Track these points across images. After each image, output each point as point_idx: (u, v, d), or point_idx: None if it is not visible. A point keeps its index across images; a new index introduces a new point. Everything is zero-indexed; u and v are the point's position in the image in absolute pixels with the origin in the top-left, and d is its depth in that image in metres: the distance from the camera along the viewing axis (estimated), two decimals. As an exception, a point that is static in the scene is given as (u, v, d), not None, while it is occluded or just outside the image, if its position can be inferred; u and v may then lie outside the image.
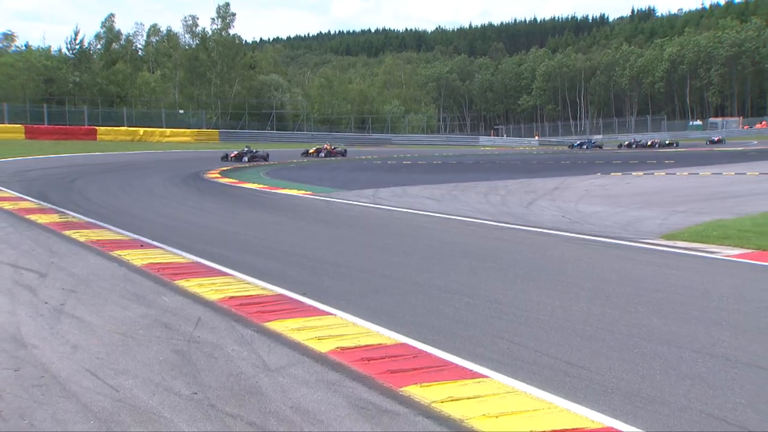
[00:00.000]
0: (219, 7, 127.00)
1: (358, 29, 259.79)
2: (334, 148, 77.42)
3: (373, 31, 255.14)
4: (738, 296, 15.98)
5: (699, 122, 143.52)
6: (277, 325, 13.02)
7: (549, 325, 13.53)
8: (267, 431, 8.75)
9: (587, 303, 15.50)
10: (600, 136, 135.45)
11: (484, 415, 9.05)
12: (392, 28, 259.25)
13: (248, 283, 16.52)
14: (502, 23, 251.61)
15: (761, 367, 11.16)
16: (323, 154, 75.16)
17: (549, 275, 18.55)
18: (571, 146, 76.44)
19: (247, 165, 62.27)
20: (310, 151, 78.27)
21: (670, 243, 22.29)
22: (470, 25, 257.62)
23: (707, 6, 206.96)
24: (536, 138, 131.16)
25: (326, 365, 11.06)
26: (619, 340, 12.68)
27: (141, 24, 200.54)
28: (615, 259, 20.83)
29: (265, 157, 68.57)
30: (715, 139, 50.55)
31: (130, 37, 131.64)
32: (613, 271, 19.29)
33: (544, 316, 14.22)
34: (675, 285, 17.57)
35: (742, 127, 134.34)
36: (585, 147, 65.99)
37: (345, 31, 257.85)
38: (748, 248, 20.87)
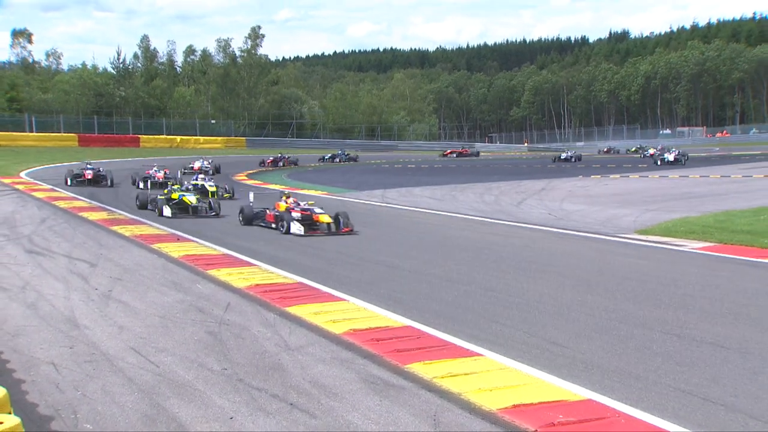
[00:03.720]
0: (252, 29, 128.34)
1: (369, 49, 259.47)
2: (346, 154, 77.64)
3: (382, 50, 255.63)
4: (703, 284, 16.00)
5: (669, 131, 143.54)
6: (297, 310, 13.07)
7: (537, 310, 13.57)
8: (288, 402, 8.79)
9: (571, 290, 15.53)
10: (582, 143, 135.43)
11: (479, 389, 9.09)
12: (399, 48, 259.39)
13: (272, 273, 16.56)
14: (495, 43, 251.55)
15: (724, 347, 11.18)
16: (338, 159, 75.23)
17: (537, 266, 18.57)
18: (556, 159, 75.63)
19: (277, 168, 62.58)
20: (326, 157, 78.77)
21: (643, 237, 22.31)
22: (468, 45, 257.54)
23: (675, 29, 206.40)
24: (525, 144, 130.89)
25: (340, 345, 11.11)
26: (598, 323, 12.72)
27: (173, 42, 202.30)
28: (595, 251, 20.87)
29: (296, 162, 68.11)
30: (668, 158, 49.87)
31: (170, 55, 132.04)
32: (593, 262, 19.37)
33: (533, 302, 14.26)
34: (647, 274, 17.61)
35: (706, 136, 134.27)
36: (573, 160, 64.22)
37: (358, 51, 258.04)
38: (711, 242, 20.91)
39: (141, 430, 8.04)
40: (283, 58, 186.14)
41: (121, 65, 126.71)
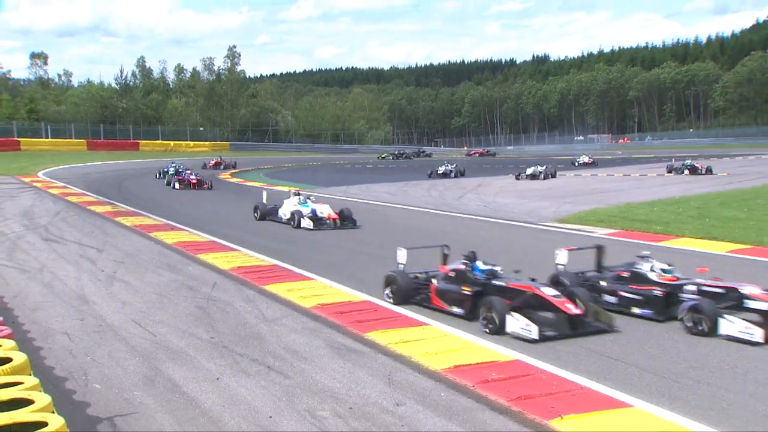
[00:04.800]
0: (229, 48, 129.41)
1: (333, 67, 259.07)
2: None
3: (344, 69, 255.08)
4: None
5: (581, 137, 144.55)
6: (273, 288, 13.09)
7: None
8: (266, 365, 8.85)
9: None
10: (512, 147, 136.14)
11: (426, 352, 9.17)
12: (359, 67, 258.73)
13: (251, 256, 16.54)
14: (440, 63, 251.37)
15: (625, 314, 11.28)
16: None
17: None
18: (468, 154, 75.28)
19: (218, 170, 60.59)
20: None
21: (561, 225, 22.44)
22: (416, 65, 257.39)
23: (586, 54, 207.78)
24: (465, 148, 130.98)
25: (309, 317, 11.15)
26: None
27: (165, 61, 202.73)
28: (522, 236, 20.98)
29: (234, 165, 63.40)
30: (582, 162, 48.93)
31: (162, 73, 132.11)
32: (521, 245, 19.49)
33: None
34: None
35: (611, 142, 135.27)
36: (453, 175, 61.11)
37: (324, 69, 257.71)
38: (615, 228, 21.08)
39: (142, 389, 8.07)
40: (261, 75, 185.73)
41: (123, 81, 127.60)
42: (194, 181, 37.49)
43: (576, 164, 54.42)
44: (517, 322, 9.95)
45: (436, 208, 28.19)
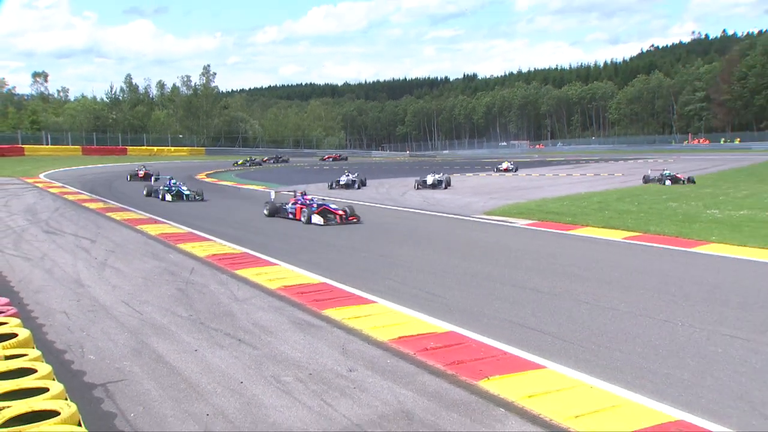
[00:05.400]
0: (204, 67, 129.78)
1: (294, 83, 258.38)
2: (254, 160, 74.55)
3: (304, 84, 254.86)
4: (525, 248, 16.23)
5: (505, 143, 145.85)
6: (243, 272, 12.96)
7: (417, 270, 13.62)
8: (237, 339, 8.77)
9: (440, 255, 15.63)
10: (447, 151, 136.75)
11: (374, 326, 9.15)
12: (317, 83, 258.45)
13: (224, 245, 16.36)
14: (385, 80, 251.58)
15: (541, 291, 11.36)
16: (248, 164, 71.26)
17: (418, 238, 18.64)
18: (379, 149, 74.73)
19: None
20: (239, 162, 77.34)
21: (489, 217, 22.51)
22: (366, 81, 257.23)
23: (507, 73, 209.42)
24: (407, 152, 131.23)
25: (274, 297, 11.07)
26: (458, 277, 12.82)
27: (149, 78, 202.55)
28: (456, 227, 21.00)
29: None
30: (503, 168, 47.39)
31: (146, 89, 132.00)
32: (455, 234, 19.54)
33: (415, 264, 14.31)
34: (491, 242, 17.81)
35: (529, 147, 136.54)
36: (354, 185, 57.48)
37: (286, 85, 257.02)
38: (533, 219, 21.17)
39: (130, 359, 8.01)
40: (232, 90, 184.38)
41: (112, 96, 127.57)
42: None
43: (497, 170, 52.45)
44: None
45: (383, 204, 28.15)
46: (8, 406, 4.92)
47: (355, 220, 21.00)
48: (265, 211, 23.09)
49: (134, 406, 6.69)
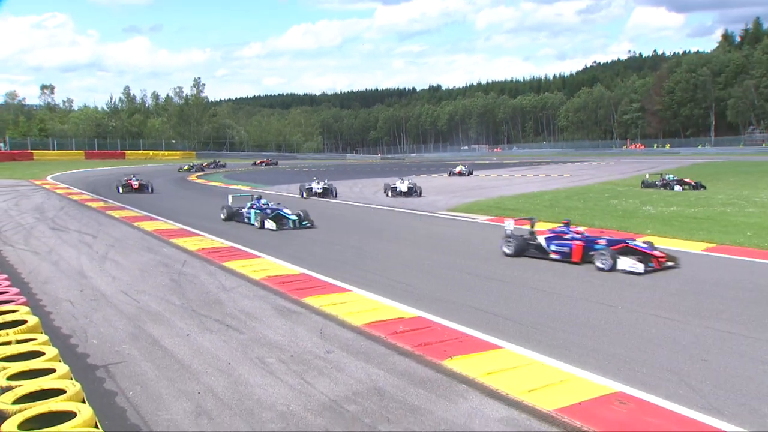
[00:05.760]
0: (195, 80, 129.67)
1: (277, 93, 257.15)
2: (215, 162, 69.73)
3: (285, 94, 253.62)
4: (485, 241, 16.25)
5: (466, 147, 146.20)
6: (230, 264, 12.89)
7: (388, 261, 13.64)
8: (225, 324, 8.73)
9: (409, 247, 15.63)
10: (414, 155, 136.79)
11: (349, 312, 9.13)
12: (297, 93, 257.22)
13: (213, 240, 16.25)
14: (359, 90, 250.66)
15: (499, 280, 11.41)
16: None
17: (389, 233, 18.62)
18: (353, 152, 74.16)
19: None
20: (257, 162, 76.95)
21: (452, 213, 22.55)
22: (341, 91, 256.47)
23: (468, 85, 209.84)
24: (379, 155, 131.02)
25: (259, 286, 11.01)
26: (425, 268, 12.82)
27: (145, 89, 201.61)
28: (423, 222, 20.98)
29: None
30: (456, 171, 44.63)
31: (142, 99, 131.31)
32: (422, 229, 19.52)
33: (386, 256, 14.35)
34: (453, 236, 17.84)
35: (488, 150, 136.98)
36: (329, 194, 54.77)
37: (269, 95, 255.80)
38: (491, 215, 21.21)
39: (129, 343, 7.98)
40: (220, 99, 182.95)
41: (112, 106, 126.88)
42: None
43: (450, 173, 50.04)
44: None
45: (356, 201, 28.10)
46: (20, 385, 4.97)
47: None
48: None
49: (133, 385, 6.67)
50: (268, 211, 19.32)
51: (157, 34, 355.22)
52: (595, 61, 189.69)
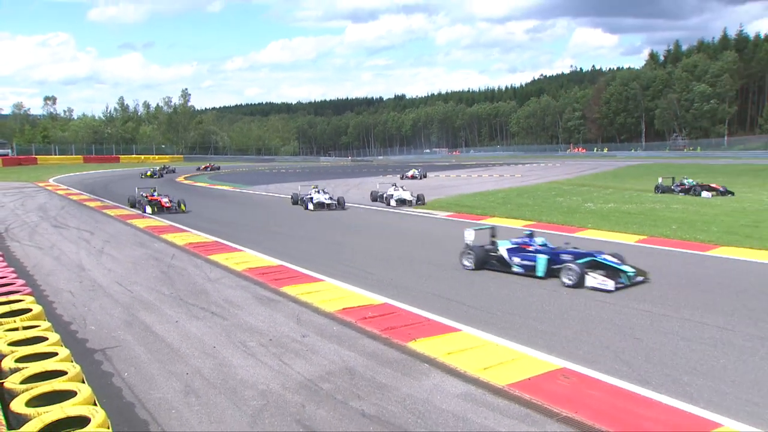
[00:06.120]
0: (182, 90, 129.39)
1: (257, 102, 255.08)
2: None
3: (265, 103, 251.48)
4: (446, 234, 16.27)
5: (428, 151, 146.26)
6: (215, 257, 12.78)
7: (358, 253, 13.59)
8: (210, 312, 8.67)
9: (377, 241, 15.62)
10: (381, 157, 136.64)
11: (322, 300, 9.09)
12: (275, 102, 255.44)
13: (199, 236, 16.07)
14: (331, 99, 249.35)
15: (458, 270, 11.40)
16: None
17: (359, 228, 18.57)
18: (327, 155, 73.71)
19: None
20: (203, 166, 75.16)
21: (416, 210, 22.51)
22: (315, 100, 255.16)
23: (429, 94, 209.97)
24: (349, 158, 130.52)
25: (241, 277, 10.94)
26: (391, 259, 12.81)
27: (137, 100, 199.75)
28: (389, 218, 20.95)
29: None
30: (409, 175, 40.29)
31: (136, 108, 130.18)
32: (388, 224, 19.46)
33: (356, 249, 14.27)
34: (417, 230, 17.82)
35: (448, 153, 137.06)
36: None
37: (251, 103, 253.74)
38: (451, 211, 21.26)
39: (123, 329, 7.92)
40: (206, 108, 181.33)
41: (108, 114, 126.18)
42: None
43: (403, 177, 44.48)
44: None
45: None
46: (26, 367, 5.08)
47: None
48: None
49: (127, 366, 6.63)
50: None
51: (150, 50, 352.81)
52: (542, 74, 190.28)
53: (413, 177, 44.31)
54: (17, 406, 4.42)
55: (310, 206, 22.72)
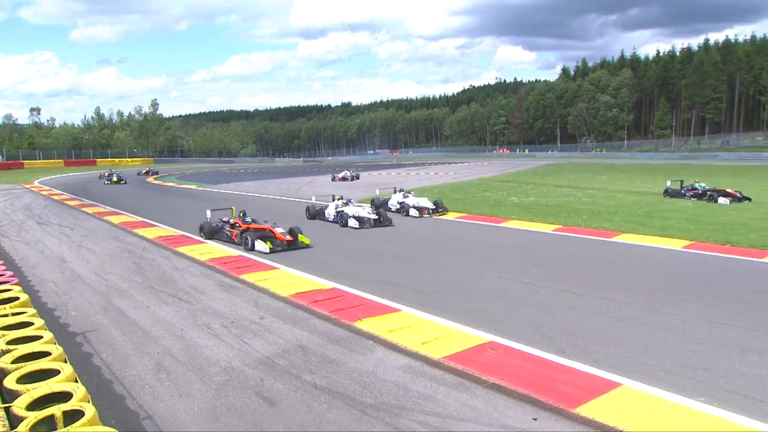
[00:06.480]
0: (152, 100, 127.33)
1: (218, 110, 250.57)
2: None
3: (226, 110, 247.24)
4: (386, 227, 16.31)
5: (372, 152, 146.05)
6: (181, 249, 12.59)
7: (321, 246, 13.48)
8: (178, 298, 8.57)
9: (330, 232, 15.48)
10: (330, 158, 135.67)
11: (278, 285, 9.09)
12: (235, 109, 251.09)
13: (168, 230, 15.76)
14: (285, 107, 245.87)
15: (398, 257, 11.48)
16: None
17: (312, 221, 18.45)
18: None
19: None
20: (146, 171, 74.17)
21: (362, 205, 22.43)
22: (270, 108, 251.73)
23: (373, 102, 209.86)
24: (302, 159, 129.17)
25: (205, 266, 10.82)
26: (339, 248, 12.78)
27: (112, 109, 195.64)
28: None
29: (156, 172, 51.56)
30: (340, 176, 37.01)
31: (110, 116, 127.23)
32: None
33: (318, 240, 14.20)
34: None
35: (389, 154, 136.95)
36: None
37: (213, 111, 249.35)
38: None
39: (101, 315, 7.81)
40: (173, 116, 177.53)
41: (86, 122, 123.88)
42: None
43: (334, 178, 39.30)
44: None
45: (284, 196, 27.76)
46: (15, 349, 5.19)
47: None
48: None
49: (105, 347, 6.58)
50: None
51: (124, 65, 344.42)
52: (471, 85, 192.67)
53: (344, 179, 38.57)
54: (9, 383, 4.55)
55: (353, 223, 16.05)
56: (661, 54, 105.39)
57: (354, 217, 16.28)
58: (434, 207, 18.47)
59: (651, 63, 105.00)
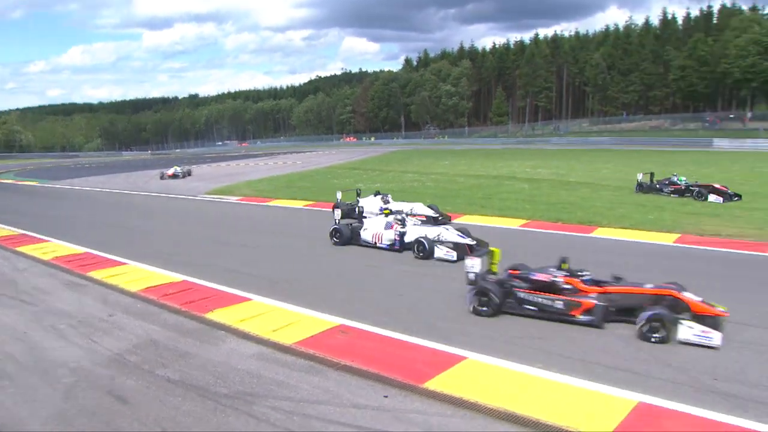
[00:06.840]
0: None
1: (60, 103, 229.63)
2: None
3: (68, 104, 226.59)
4: (236, 216, 16.06)
5: (220, 143, 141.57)
6: (22, 249, 11.68)
7: (159, 236, 13.11)
8: (20, 300, 8.00)
9: (177, 225, 15.05)
10: (179, 150, 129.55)
11: (128, 281, 8.75)
12: (78, 102, 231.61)
13: (6, 229, 14.44)
14: (131, 99, 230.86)
15: (247, 246, 11.39)
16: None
17: (160, 213, 17.77)
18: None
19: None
20: None
21: (210, 196, 21.95)
22: (116, 100, 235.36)
23: (220, 93, 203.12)
24: (149, 152, 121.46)
25: (49, 266, 10.13)
26: (190, 240, 12.51)
27: None
28: (188, 204, 20.22)
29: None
30: (169, 173, 33.40)
31: None
32: (187, 209, 18.82)
33: (158, 232, 13.72)
34: (212, 214, 17.41)
35: (238, 145, 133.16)
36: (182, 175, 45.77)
37: (53, 104, 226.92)
38: (241, 195, 21.00)
39: None
40: (9, 109, 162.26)
41: None
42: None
43: (162, 176, 33.32)
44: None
45: (132, 190, 26.32)
46: None
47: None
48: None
49: (-67, 361, 5.98)
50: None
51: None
52: (317, 75, 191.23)
53: (174, 176, 32.94)
54: None
55: (446, 255, 9.89)
56: (497, 46, 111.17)
57: (449, 245, 10.08)
58: (438, 215, 13.34)
59: (488, 54, 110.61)
